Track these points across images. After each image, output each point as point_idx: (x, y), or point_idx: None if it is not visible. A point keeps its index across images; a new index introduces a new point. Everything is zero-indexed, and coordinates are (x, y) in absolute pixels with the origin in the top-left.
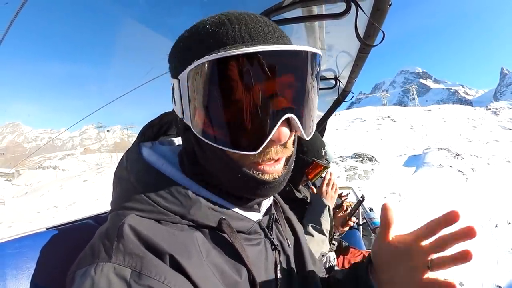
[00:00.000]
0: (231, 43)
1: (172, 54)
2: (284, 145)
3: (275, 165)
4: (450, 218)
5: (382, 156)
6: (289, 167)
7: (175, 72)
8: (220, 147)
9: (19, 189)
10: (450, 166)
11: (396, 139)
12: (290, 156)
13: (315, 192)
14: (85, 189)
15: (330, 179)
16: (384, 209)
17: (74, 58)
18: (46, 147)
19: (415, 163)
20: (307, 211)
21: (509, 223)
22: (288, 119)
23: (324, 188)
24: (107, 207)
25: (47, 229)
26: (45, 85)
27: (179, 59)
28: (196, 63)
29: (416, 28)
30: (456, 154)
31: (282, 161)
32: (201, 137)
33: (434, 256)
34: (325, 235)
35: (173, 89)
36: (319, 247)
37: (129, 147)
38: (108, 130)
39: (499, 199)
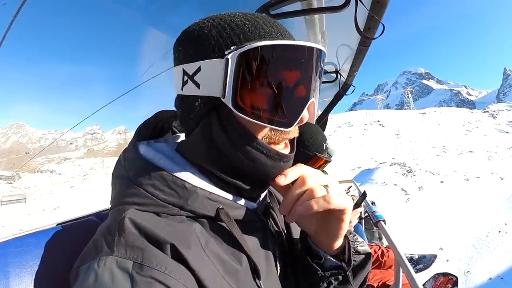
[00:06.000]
0: (268, 36)
1: (193, 40)
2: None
3: (287, 145)
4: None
5: (335, 170)
6: (294, 147)
7: (202, 54)
8: (261, 123)
9: (18, 192)
10: (395, 184)
11: (373, 147)
12: (294, 137)
13: None
14: (70, 194)
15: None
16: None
17: (77, 59)
18: (50, 148)
19: (363, 179)
20: None
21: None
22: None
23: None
24: (88, 211)
25: (52, 226)
26: (49, 86)
27: (215, 42)
28: (249, 46)
29: (419, 29)
30: (407, 171)
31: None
32: (240, 114)
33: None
34: None
35: (192, 73)
36: None
37: (126, 147)
38: (96, 136)
39: (429, 228)
